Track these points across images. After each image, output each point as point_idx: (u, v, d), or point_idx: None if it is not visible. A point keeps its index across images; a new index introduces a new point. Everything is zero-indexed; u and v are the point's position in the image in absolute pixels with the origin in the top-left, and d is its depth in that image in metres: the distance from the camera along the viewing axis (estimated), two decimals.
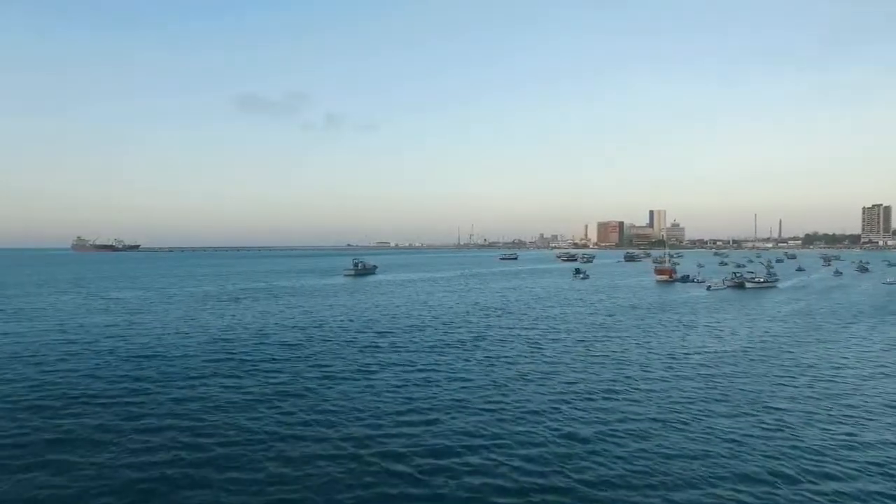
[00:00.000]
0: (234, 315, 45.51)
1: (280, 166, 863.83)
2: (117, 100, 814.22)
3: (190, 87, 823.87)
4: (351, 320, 42.32)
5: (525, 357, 28.80)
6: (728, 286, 73.70)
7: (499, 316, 45.23)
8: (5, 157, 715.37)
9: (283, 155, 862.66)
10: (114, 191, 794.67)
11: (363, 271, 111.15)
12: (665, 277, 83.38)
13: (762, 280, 76.54)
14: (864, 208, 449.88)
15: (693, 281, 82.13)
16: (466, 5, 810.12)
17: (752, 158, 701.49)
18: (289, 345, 32.05)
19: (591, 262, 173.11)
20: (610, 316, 45.35)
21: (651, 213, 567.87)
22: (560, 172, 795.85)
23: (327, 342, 32.98)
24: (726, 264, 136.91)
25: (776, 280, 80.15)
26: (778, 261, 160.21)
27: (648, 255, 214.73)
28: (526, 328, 38.63)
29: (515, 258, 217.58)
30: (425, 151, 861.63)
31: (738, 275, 78.60)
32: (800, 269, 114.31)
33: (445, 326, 39.28)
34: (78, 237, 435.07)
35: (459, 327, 38.97)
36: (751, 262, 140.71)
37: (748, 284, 73.83)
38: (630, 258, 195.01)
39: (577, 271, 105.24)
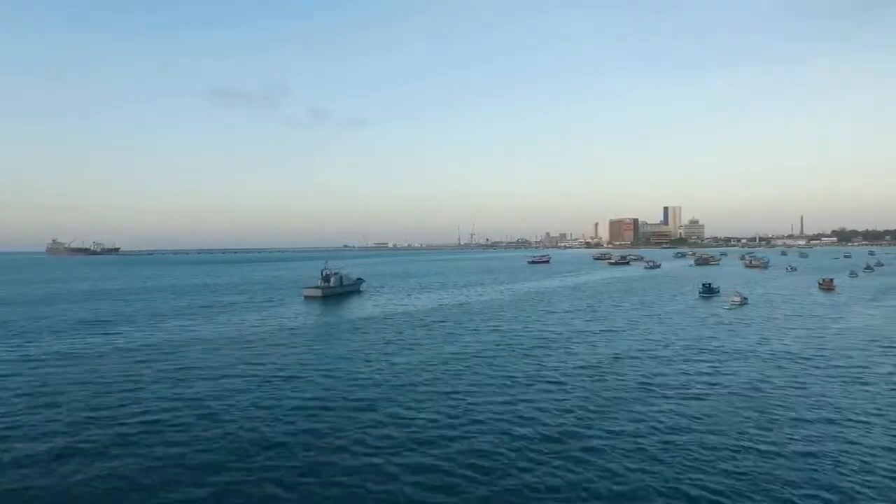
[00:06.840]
0: None
1: (270, 164, 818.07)
2: (98, 99, 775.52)
3: (168, 83, 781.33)
4: None
5: None
6: None
7: None
8: None
9: (272, 152, 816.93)
10: (100, 193, 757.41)
11: (337, 290, 65.84)
12: None
13: None
14: None
15: None
16: (468, 3, 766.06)
17: (765, 154, 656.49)
18: None
19: (660, 266, 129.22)
20: None
21: (665, 209, 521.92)
22: (563, 170, 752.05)
23: None
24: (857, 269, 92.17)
25: None
26: None
27: (725, 256, 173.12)
28: None
29: (548, 261, 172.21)
30: (424, 149, 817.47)
31: None
32: None
33: None
34: (53, 240, 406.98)
35: None
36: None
37: None
38: (702, 261, 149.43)
39: (710, 289, 61.29)
